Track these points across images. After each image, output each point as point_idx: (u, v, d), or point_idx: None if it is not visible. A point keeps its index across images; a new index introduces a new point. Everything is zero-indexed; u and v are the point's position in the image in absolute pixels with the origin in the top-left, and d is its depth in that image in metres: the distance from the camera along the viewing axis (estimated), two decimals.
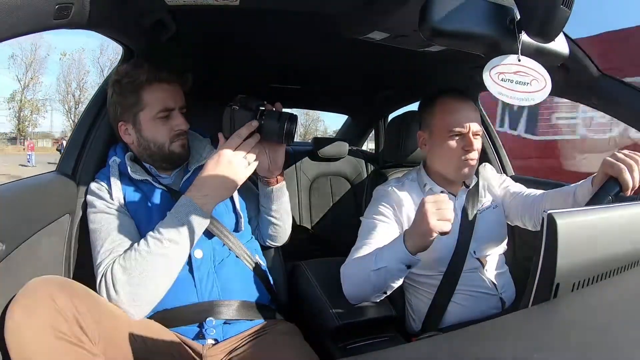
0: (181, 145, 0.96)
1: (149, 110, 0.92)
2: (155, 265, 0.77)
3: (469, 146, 0.99)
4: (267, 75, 1.61)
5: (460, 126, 0.99)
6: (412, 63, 1.33)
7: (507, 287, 1.07)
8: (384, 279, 0.86)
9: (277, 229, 1.08)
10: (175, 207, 0.82)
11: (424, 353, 0.37)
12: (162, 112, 0.92)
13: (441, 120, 1.02)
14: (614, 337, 0.37)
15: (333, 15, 0.90)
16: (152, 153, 0.94)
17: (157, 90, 0.92)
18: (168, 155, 0.95)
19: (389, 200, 1.04)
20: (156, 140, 0.93)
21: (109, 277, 0.77)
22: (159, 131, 0.93)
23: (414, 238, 0.82)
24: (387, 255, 0.85)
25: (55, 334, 0.62)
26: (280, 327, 0.92)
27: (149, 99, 0.91)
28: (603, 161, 0.80)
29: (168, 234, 0.78)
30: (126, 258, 0.78)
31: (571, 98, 1.15)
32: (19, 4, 0.57)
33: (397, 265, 0.83)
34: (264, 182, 1.00)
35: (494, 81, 0.73)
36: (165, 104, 0.92)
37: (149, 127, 0.92)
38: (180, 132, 0.95)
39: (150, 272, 0.77)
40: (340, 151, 1.99)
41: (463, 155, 1.00)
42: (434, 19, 0.69)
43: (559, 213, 0.45)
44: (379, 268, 0.85)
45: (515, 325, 0.42)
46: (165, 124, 0.93)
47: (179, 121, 0.95)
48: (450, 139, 1.01)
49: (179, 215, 0.80)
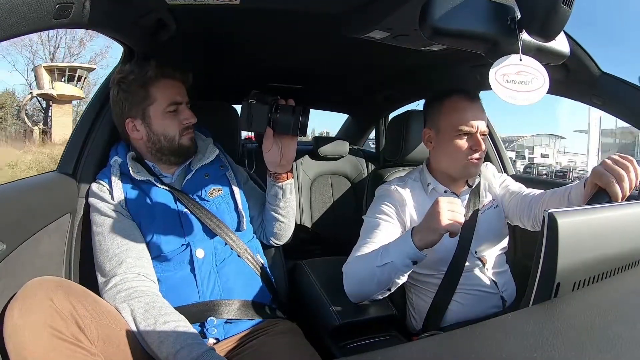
0: (189, 138, 0.98)
1: (158, 105, 0.94)
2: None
3: (477, 145, 0.99)
4: (268, 75, 1.61)
5: (469, 125, 0.99)
6: (413, 62, 1.33)
7: (508, 286, 1.07)
8: (389, 274, 0.86)
9: (283, 227, 1.08)
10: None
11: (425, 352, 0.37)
12: (171, 106, 0.94)
13: (449, 118, 1.02)
14: (614, 337, 0.37)
15: (333, 15, 0.90)
16: (161, 147, 0.95)
17: (165, 85, 0.94)
18: (177, 148, 0.96)
19: (391, 199, 1.04)
20: (166, 133, 0.95)
21: (126, 306, 0.78)
22: (169, 125, 0.95)
23: (423, 232, 0.82)
24: (394, 251, 0.86)
25: (53, 334, 0.63)
26: (281, 326, 0.92)
27: (158, 94, 0.93)
28: (592, 170, 0.78)
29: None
30: (148, 308, 0.78)
31: (572, 97, 1.15)
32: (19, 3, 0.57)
33: (403, 261, 0.84)
34: (274, 178, 1.00)
35: (500, 84, 0.73)
36: (173, 98, 0.95)
37: (158, 121, 0.94)
38: (189, 125, 0.97)
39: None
40: (341, 150, 1.99)
41: (470, 154, 1.00)
42: (434, 18, 0.69)
43: (560, 212, 0.45)
44: (384, 263, 0.85)
45: (516, 324, 0.42)
46: (174, 118, 0.95)
47: (188, 114, 0.97)
48: (458, 137, 1.01)
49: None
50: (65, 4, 0.65)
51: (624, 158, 0.76)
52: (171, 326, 0.76)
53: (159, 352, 0.73)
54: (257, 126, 0.91)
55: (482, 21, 0.72)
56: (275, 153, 0.95)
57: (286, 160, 0.97)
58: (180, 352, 0.71)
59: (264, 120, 0.90)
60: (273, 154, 0.95)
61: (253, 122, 0.89)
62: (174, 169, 1.00)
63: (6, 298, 0.67)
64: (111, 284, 0.81)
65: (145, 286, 0.82)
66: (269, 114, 0.90)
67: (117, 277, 0.82)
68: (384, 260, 0.86)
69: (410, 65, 1.38)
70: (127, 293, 0.79)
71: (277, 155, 0.95)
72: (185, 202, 0.93)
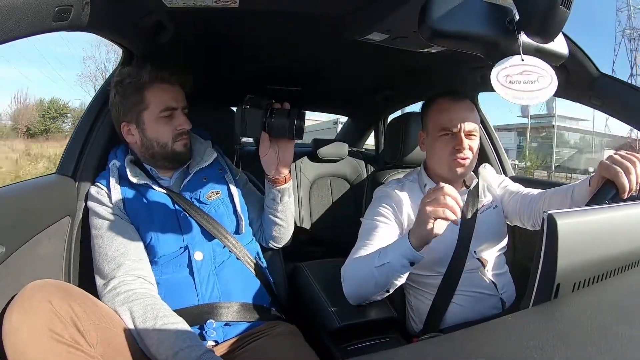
0: (183, 144, 0.97)
1: (152, 110, 0.93)
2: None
3: (459, 145, 0.99)
4: (267, 77, 1.61)
5: (451, 125, 1.00)
6: (412, 64, 1.33)
7: (508, 287, 1.06)
8: (387, 275, 0.86)
9: (281, 230, 1.08)
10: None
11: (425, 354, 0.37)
12: (164, 112, 0.93)
13: (433, 119, 1.04)
14: (614, 337, 0.37)
15: (332, 17, 0.90)
16: (154, 153, 0.95)
17: (159, 90, 0.93)
18: (170, 154, 0.95)
19: (389, 200, 1.04)
20: (159, 139, 0.94)
21: (125, 309, 0.77)
22: (162, 131, 0.94)
23: (415, 230, 0.82)
24: (391, 252, 0.86)
25: (52, 337, 0.62)
26: (280, 328, 0.91)
27: (152, 99, 0.93)
28: (600, 163, 0.79)
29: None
30: (147, 310, 0.78)
31: (571, 98, 1.15)
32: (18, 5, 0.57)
33: (400, 261, 0.83)
34: (272, 182, 1.00)
35: (503, 85, 0.73)
36: (167, 104, 0.93)
37: (152, 126, 0.93)
38: (183, 132, 0.96)
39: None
40: (340, 152, 1.99)
41: (453, 154, 1.00)
42: (433, 19, 0.69)
43: (559, 213, 0.45)
44: (382, 264, 0.85)
45: (517, 325, 0.42)
46: (168, 124, 0.94)
47: (182, 120, 0.96)
48: (440, 137, 1.01)
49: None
50: (64, 7, 0.65)
51: (631, 154, 0.78)
52: (170, 328, 0.76)
53: (158, 354, 0.73)
54: (251, 132, 0.91)
55: (481, 23, 0.72)
56: (272, 157, 0.95)
57: (283, 164, 0.97)
58: (179, 353, 0.71)
59: (259, 125, 0.90)
60: (270, 158, 0.95)
61: (247, 128, 0.89)
62: (171, 172, 0.99)
63: (5, 301, 0.67)
64: (110, 286, 0.81)
65: (144, 289, 0.82)
66: (263, 118, 0.89)
67: (115, 280, 0.81)
68: (382, 261, 0.85)
69: (409, 67, 1.38)
70: (126, 295, 0.79)
71: (274, 160, 0.95)
72: (184, 205, 0.93)
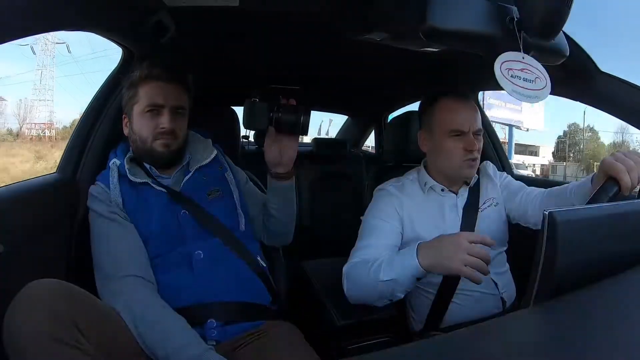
0: (163, 144, 0.95)
1: (140, 104, 0.95)
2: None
3: (471, 146, 0.99)
4: (267, 76, 1.61)
5: (461, 126, 0.99)
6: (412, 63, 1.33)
7: (508, 287, 1.06)
8: (392, 289, 0.86)
9: (283, 228, 1.08)
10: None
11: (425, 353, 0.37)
12: (149, 107, 0.94)
13: (442, 119, 1.02)
14: (614, 337, 0.37)
15: (333, 16, 0.90)
16: (137, 147, 0.96)
17: (149, 86, 0.94)
18: (149, 151, 0.95)
19: (389, 200, 1.04)
20: (141, 134, 0.95)
21: (125, 308, 0.77)
22: (144, 126, 0.95)
23: (432, 260, 0.81)
24: (398, 267, 0.85)
25: (53, 337, 0.62)
26: (281, 327, 0.91)
27: (141, 94, 0.94)
28: (602, 161, 0.79)
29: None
30: (147, 309, 0.78)
31: (571, 96, 1.15)
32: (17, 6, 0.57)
33: (409, 279, 0.84)
34: (274, 178, 1.00)
35: (505, 77, 0.73)
36: (153, 100, 0.94)
37: (137, 120, 0.95)
38: (164, 132, 0.94)
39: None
40: (341, 152, 1.99)
41: (465, 155, 1.00)
42: (433, 19, 0.69)
43: (560, 212, 0.44)
44: (388, 279, 0.85)
45: (517, 325, 0.42)
46: (151, 120, 0.95)
47: (164, 120, 0.94)
48: (451, 138, 1.00)
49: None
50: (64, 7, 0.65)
51: (633, 153, 0.78)
52: (170, 327, 0.76)
53: (159, 353, 0.73)
54: (258, 124, 0.93)
55: (481, 22, 0.72)
56: (275, 152, 0.95)
57: (287, 160, 0.97)
58: (180, 351, 0.71)
59: (265, 118, 0.92)
60: (273, 153, 0.96)
61: (255, 120, 0.91)
62: (171, 170, 0.99)
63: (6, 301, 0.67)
64: (110, 286, 0.81)
65: (144, 288, 0.82)
66: (271, 112, 0.91)
67: (115, 279, 0.81)
68: (388, 276, 0.85)
69: (409, 66, 1.38)
70: (126, 295, 0.79)
71: (277, 155, 0.96)
72: (183, 204, 0.93)
